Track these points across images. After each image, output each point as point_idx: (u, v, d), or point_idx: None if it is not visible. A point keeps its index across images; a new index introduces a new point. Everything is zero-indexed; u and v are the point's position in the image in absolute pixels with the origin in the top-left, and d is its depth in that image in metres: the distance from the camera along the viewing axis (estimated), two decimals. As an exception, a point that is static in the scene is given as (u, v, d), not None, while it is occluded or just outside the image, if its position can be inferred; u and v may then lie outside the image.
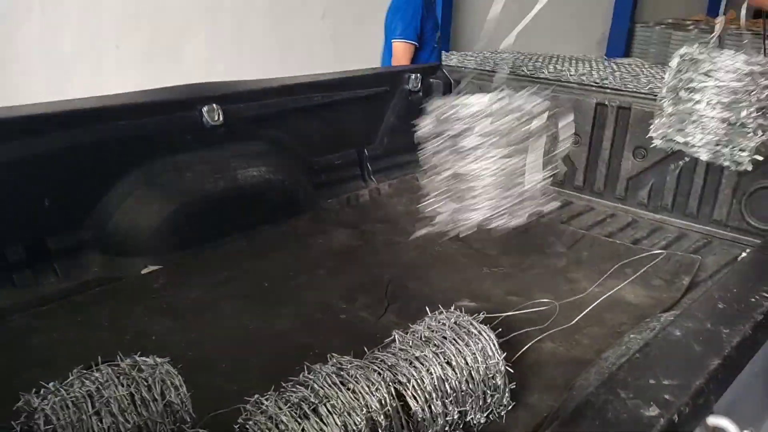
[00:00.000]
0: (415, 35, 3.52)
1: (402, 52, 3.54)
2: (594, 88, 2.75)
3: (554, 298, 1.94)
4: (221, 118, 2.36)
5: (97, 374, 1.14)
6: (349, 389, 1.14)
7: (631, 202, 2.69)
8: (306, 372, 1.18)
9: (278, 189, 2.52)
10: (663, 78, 2.24)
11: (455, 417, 1.25)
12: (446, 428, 1.25)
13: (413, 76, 3.04)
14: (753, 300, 0.99)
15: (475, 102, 1.48)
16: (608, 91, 2.72)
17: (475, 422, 1.30)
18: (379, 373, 1.18)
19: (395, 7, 3.71)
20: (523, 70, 3.08)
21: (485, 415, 1.33)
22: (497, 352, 1.33)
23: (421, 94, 3.08)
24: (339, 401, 1.11)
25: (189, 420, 1.15)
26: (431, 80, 3.12)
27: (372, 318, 1.86)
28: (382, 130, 3.01)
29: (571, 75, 2.91)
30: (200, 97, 2.35)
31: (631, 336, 1.53)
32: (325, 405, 1.10)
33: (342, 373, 1.17)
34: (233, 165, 2.42)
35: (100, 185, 2.17)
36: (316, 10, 5.28)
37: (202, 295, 1.97)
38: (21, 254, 2.01)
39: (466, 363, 1.28)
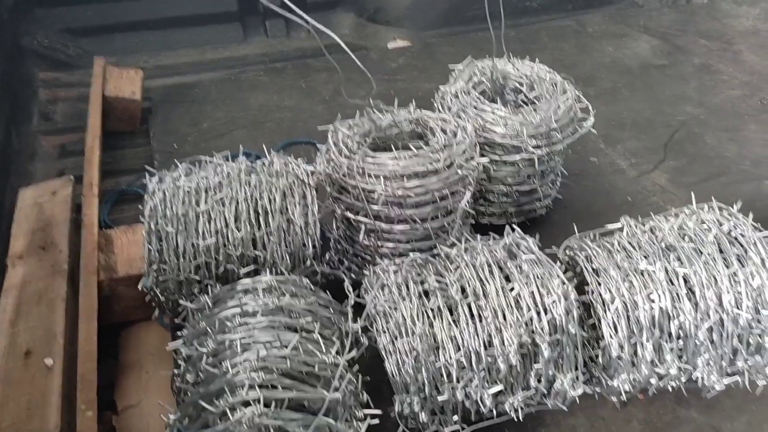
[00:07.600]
0: None
1: None
2: None
3: None
4: None
5: (229, 167, 0.96)
6: (511, 290, 0.78)
7: None
8: (461, 250, 0.84)
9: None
10: None
11: (675, 371, 0.83)
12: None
13: None
14: None
15: None
16: None
17: (708, 385, 0.86)
18: (563, 281, 0.79)
19: None
20: None
21: (725, 382, 0.86)
22: (783, 303, 0.82)
23: None
24: (489, 306, 0.77)
25: (311, 247, 0.93)
26: None
27: (632, 170, 1.37)
28: None
29: None
30: None
31: None
32: (470, 305, 0.77)
33: (509, 264, 0.80)
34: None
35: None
36: None
37: (433, 86, 1.65)
38: (276, 2, 1.90)
39: (720, 301, 0.81)
